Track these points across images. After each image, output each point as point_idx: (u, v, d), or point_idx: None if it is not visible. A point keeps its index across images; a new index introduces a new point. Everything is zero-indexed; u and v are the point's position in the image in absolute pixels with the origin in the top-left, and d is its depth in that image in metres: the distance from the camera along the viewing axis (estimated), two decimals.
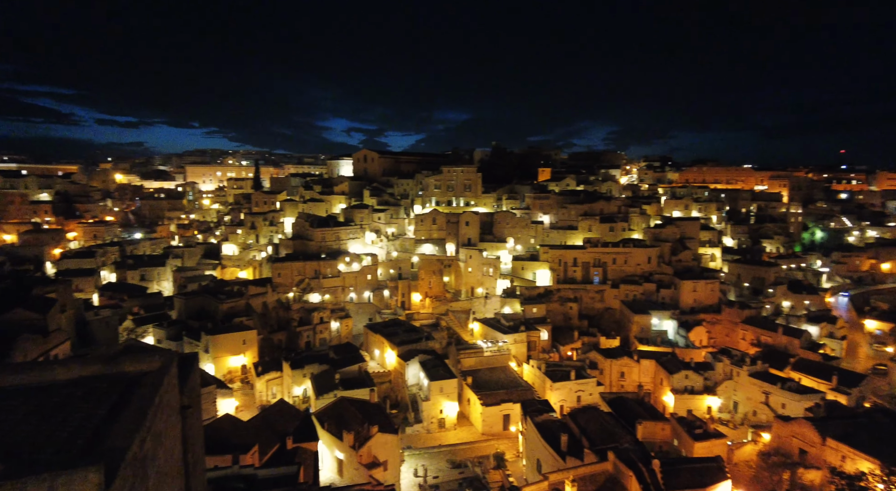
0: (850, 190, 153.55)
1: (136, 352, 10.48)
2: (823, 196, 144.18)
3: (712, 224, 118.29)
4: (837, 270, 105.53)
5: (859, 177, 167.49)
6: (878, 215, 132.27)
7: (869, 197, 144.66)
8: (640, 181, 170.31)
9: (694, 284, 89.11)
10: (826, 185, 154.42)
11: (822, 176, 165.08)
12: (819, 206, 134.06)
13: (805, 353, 70.55)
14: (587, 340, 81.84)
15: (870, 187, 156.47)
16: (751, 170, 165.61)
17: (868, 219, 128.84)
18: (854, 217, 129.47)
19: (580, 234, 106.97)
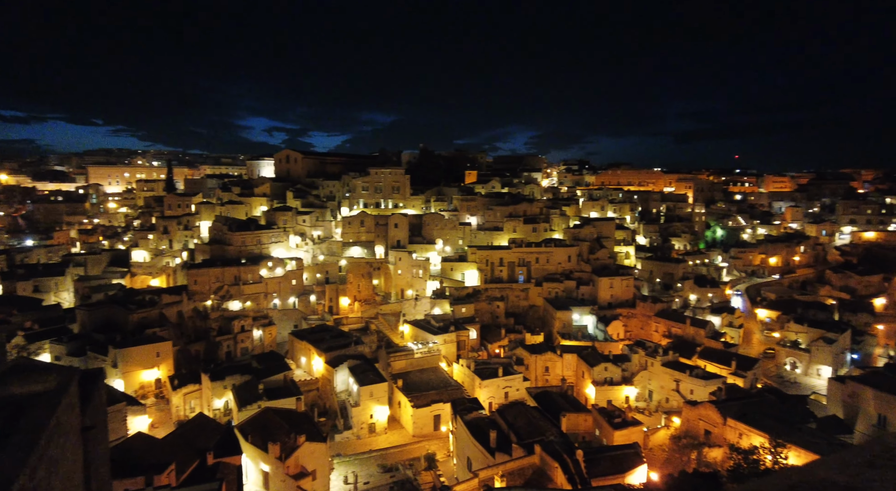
0: (744, 191, 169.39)
1: (26, 371, 9.52)
2: (722, 197, 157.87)
3: (626, 224, 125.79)
4: (735, 265, 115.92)
5: (750, 180, 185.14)
6: (766, 215, 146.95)
7: (758, 198, 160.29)
8: (560, 184, 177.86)
9: (610, 281, 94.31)
10: (724, 187, 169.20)
11: (720, 179, 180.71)
12: (719, 207, 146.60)
13: (709, 341, 76.83)
14: (514, 338, 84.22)
15: (759, 189, 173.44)
16: (660, 173, 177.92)
17: (758, 218, 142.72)
18: (747, 216, 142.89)
19: (506, 235, 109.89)
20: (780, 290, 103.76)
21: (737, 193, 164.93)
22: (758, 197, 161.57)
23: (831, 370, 73.47)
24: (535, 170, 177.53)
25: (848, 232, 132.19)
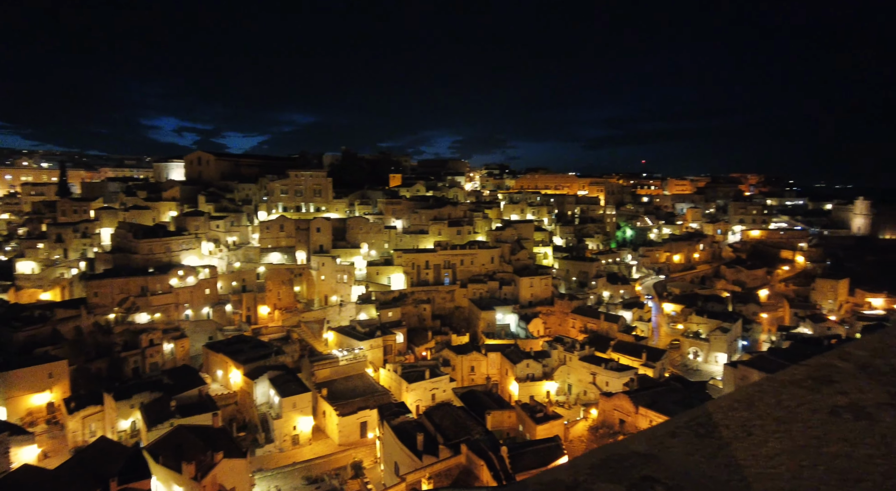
0: (650, 194, 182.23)
1: None
2: (631, 199, 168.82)
3: (544, 226, 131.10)
4: (643, 263, 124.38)
5: (656, 183, 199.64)
6: (670, 215, 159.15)
7: (663, 200, 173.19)
8: (483, 187, 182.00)
9: (531, 280, 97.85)
10: (632, 190, 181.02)
11: (629, 182, 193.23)
12: (628, 208, 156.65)
13: (622, 335, 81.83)
14: (440, 339, 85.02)
15: (663, 192, 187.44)
16: (575, 177, 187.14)
17: (663, 218, 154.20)
18: (653, 217, 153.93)
19: (431, 238, 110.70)
20: (683, 285, 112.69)
21: (644, 196, 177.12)
22: (662, 199, 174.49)
23: (726, 357, 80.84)
24: (458, 174, 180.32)
25: (738, 230, 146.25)
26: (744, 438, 1.73)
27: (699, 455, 1.57)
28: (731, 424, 1.76)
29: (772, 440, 1.72)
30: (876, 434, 1.72)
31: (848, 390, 1.99)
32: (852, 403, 1.87)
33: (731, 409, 1.82)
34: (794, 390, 1.99)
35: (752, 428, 1.75)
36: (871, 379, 2.11)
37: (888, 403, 1.86)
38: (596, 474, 1.39)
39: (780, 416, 1.79)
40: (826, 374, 2.17)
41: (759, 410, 1.81)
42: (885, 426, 1.78)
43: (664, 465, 1.47)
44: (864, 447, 1.64)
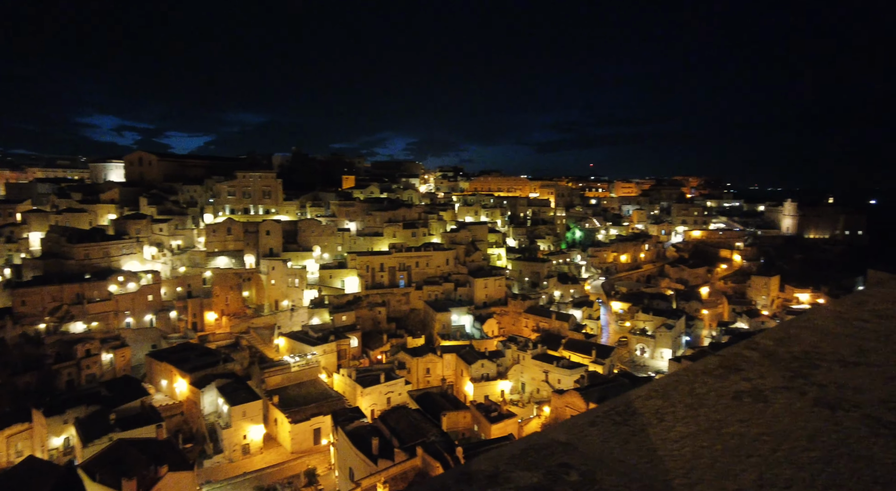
0: (598, 197, 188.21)
1: None
2: (580, 201, 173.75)
3: (498, 227, 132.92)
4: (592, 263, 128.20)
5: (603, 186, 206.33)
6: (617, 217, 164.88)
7: (610, 202, 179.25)
8: (437, 189, 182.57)
9: (485, 282, 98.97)
10: (581, 193, 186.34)
11: (578, 185, 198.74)
12: (577, 210, 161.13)
13: (573, 333, 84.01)
14: (396, 342, 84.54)
15: (610, 194, 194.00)
16: (526, 180, 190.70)
17: (610, 220, 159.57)
18: (601, 218, 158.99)
19: (385, 240, 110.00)
20: (629, 284, 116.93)
21: (592, 198, 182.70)
22: (610, 201, 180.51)
23: (671, 352, 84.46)
24: (413, 176, 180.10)
25: (681, 231, 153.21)
26: (656, 424, 1.77)
27: (614, 442, 1.66)
28: (646, 411, 1.85)
29: (680, 425, 1.77)
30: (768, 415, 1.81)
31: (751, 377, 2.16)
32: (754, 388, 2.04)
33: (648, 398, 1.96)
34: (705, 378, 2.15)
35: (665, 414, 1.81)
36: (772, 365, 2.30)
37: (783, 387, 2.04)
38: (515, 464, 1.45)
39: (690, 402, 1.91)
40: (734, 362, 2.35)
41: (672, 398, 1.95)
42: (778, 407, 1.87)
43: (580, 452, 1.54)
44: (756, 427, 1.77)
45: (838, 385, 2.08)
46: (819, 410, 1.84)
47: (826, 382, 2.11)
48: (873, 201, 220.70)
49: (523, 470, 1.40)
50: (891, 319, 3.07)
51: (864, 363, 2.34)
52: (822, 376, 2.18)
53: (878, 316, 3.14)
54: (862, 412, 1.86)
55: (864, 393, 1.99)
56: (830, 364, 2.33)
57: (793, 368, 2.27)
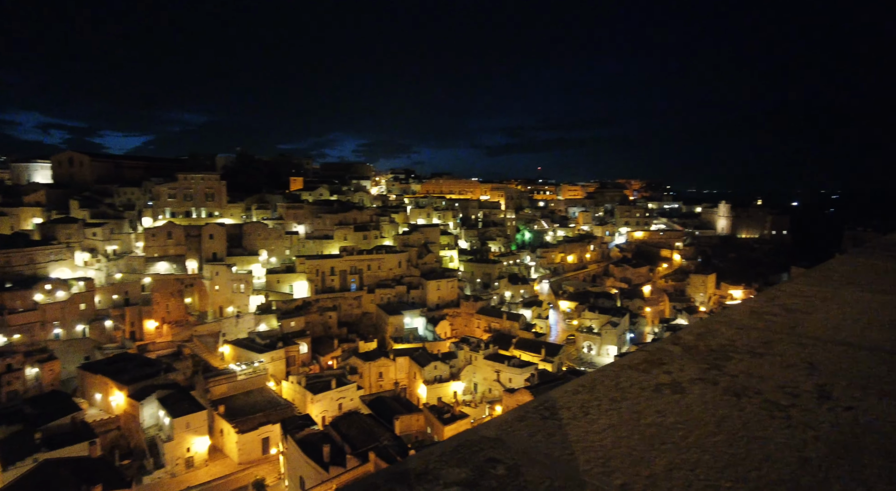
0: (546, 199, 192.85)
1: None
2: (529, 204, 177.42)
3: (450, 229, 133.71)
4: (541, 263, 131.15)
5: (551, 188, 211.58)
6: (564, 219, 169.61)
7: (557, 204, 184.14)
8: (389, 192, 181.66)
9: (438, 283, 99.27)
10: (530, 195, 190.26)
11: (527, 187, 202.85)
12: (526, 212, 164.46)
13: (523, 333, 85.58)
14: (347, 347, 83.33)
15: (557, 197, 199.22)
16: (477, 182, 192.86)
17: (558, 222, 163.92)
18: (549, 220, 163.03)
19: (336, 243, 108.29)
20: (576, 283, 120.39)
21: (540, 201, 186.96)
22: (557, 203, 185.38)
23: (616, 349, 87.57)
24: (364, 177, 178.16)
25: (624, 232, 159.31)
26: (581, 417, 1.86)
27: (540, 435, 1.73)
28: (573, 405, 1.96)
29: (603, 417, 1.85)
30: (683, 404, 1.96)
31: (672, 370, 2.32)
32: (673, 380, 2.19)
33: (576, 392, 2.07)
34: (630, 373, 2.29)
35: (590, 408, 1.92)
36: (691, 359, 2.48)
37: (699, 378, 2.21)
38: (445, 461, 1.52)
39: (614, 395, 2.04)
40: (658, 357, 2.51)
41: (598, 392, 2.07)
42: (692, 397, 2.03)
43: (508, 446, 1.64)
44: (672, 416, 1.87)
45: (746, 374, 2.26)
46: (727, 398, 2.01)
47: (736, 372, 2.29)
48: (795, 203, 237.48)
49: (453, 466, 1.48)
50: (795, 312, 3.35)
51: (769, 354, 2.55)
52: (733, 367, 2.36)
53: (785, 310, 3.41)
54: (762, 398, 2.00)
55: (766, 381, 2.18)
56: (742, 355, 2.52)
57: (709, 361, 2.44)
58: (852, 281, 4.31)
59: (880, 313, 3.26)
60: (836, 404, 1.95)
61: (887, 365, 2.33)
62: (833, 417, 1.85)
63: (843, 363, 2.37)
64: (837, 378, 2.20)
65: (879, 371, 2.27)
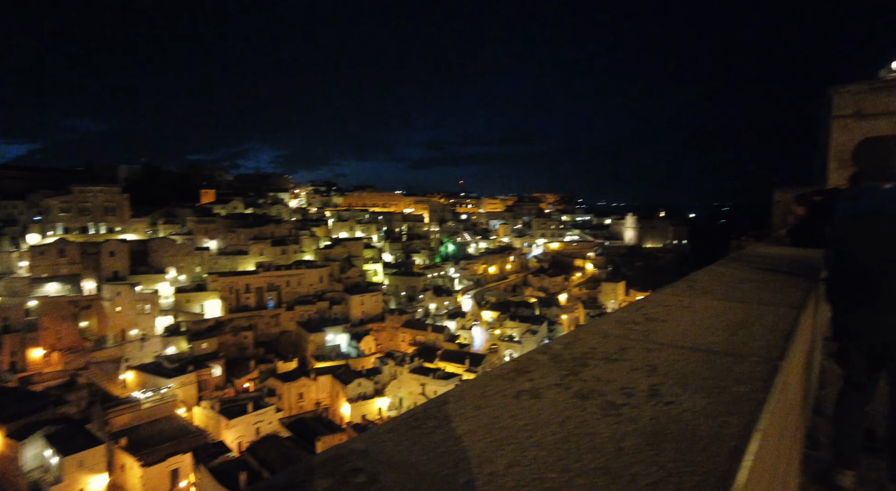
0: (468, 212, 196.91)
1: None
2: (452, 217, 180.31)
3: (373, 243, 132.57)
4: (464, 275, 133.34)
5: (473, 201, 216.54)
6: (485, 231, 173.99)
7: (479, 217, 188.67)
8: (309, 205, 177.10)
9: (361, 298, 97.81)
10: (453, 208, 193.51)
11: (450, 201, 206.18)
12: (450, 225, 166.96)
13: (447, 344, 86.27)
14: (265, 368, 79.63)
15: (479, 210, 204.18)
16: (401, 195, 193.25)
17: (480, 234, 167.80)
18: (472, 232, 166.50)
19: (252, 259, 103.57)
20: (498, 293, 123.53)
21: (463, 213, 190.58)
22: (479, 216, 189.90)
23: None
24: (282, 190, 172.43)
25: (541, 243, 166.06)
26: (444, 425, 2.07)
27: (405, 444, 1.84)
28: (440, 415, 2.16)
29: (464, 424, 2.07)
30: (535, 409, 2.23)
31: (535, 378, 2.59)
32: (533, 387, 2.46)
33: (445, 403, 2.28)
34: (498, 382, 2.54)
35: (454, 416, 2.13)
36: (554, 366, 2.77)
37: (555, 384, 2.49)
38: (312, 473, 1.59)
39: (478, 404, 2.27)
40: (526, 366, 2.78)
41: (465, 402, 2.29)
42: (545, 402, 2.31)
43: (373, 457, 1.72)
44: (523, 420, 2.06)
45: (596, 379, 2.57)
46: (575, 400, 2.30)
47: (589, 377, 2.59)
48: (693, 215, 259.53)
49: (318, 478, 1.56)
50: (654, 320, 3.79)
51: (622, 359, 2.90)
52: (587, 373, 2.66)
53: (647, 318, 3.85)
54: (604, 399, 2.31)
55: (611, 383, 2.50)
56: (598, 362, 2.84)
57: (569, 368, 2.73)
58: (708, 290, 4.94)
59: (721, 319, 3.79)
60: (660, 400, 2.29)
61: (709, 364, 2.75)
62: (655, 411, 2.18)
63: (677, 365, 2.76)
64: (668, 378, 2.57)
65: (701, 370, 2.67)
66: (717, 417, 2.11)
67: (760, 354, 2.92)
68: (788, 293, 4.75)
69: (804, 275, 5.94)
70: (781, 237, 11.00)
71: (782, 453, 3.23)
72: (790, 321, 3.69)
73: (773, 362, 2.75)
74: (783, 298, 4.53)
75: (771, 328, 3.50)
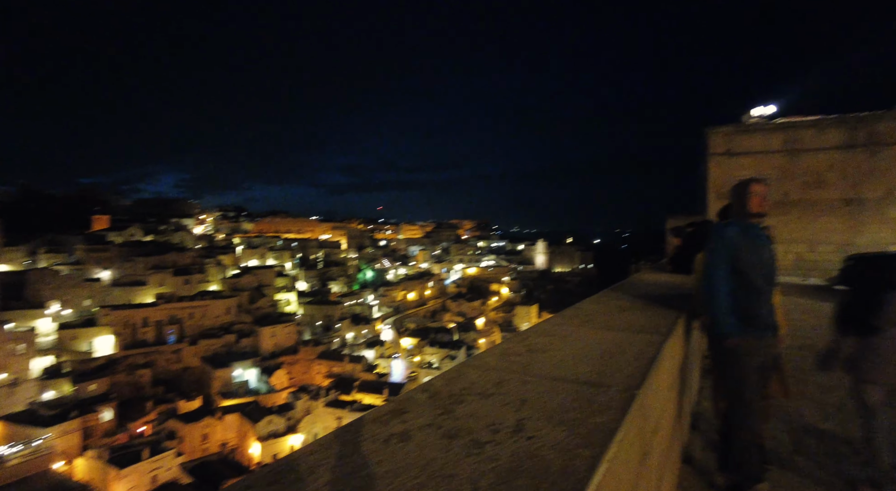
0: (387, 238, 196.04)
1: None
2: (370, 243, 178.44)
3: (287, 271, 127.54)
4: (383, 302, 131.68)
5: (392, 228, 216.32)
6: (404, 257, 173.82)
7: (398, 244, 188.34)
8: (217, 231, 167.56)
9: (273, 330, 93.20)
10: (371, 235, 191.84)
11: (368, 227, 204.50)
12: (368, 252, 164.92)
13: (365, 375, 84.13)
14: (164, 409, 72.84)
15: (398, 236, 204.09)
16: (317, 221, 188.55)
17: (399, 260, 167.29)
18: (391, 259, 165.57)
19: (151, 290, 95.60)
20: (417, 319, 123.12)
21: (382, 240, 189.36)
22: (398, 243, 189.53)
23: None
24: (186, 216, 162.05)
25: (458, 269, 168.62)
26: (306, 477, 2.01)
27: None
28: (303, 467, 2.10)
29: (327, 474, 2.03)
30: (403, 452, 2.23)
31: (409, 418, 2.59)
32: (405, 429, 2.45)
33: (311, 453, 2.21)
34: (372, 426, 2.51)
35: (318, 467, 2.08)
36: (431, 405, 2.79)
37: (428, 424, 2.51)
38: None
39: (345, 452, 2.23)
40: (403, 406, 2.77)
41: (332, 450, 2.24)
42: (413, 444, 2.31)
43: None
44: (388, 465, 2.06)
45: (468, 416, 2.61)
46: (442, 441, 2.32)
47: (462, 415, 2.63)
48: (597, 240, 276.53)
49: None
50: (536, 351, 3.95)
51: (497, 394, 2.97)
52: (462, 410, 2.70)
53: (529, 350, 3.99)
54: (471, 437, 2.36)
55: (481, 420, 2.55)
56: (474, 398, 2.89)
57: (444, 406, 2.76)
58: (591, 319, 5.25)
59: (596, 348, 4.03)
60: (524, 435, 2.38)
61: (576, 396, 2.90)
62: (516, 447, 2.26)
63: (546, 397, 2.89)
64: (536, 411, 2.67)
65: (568, 402, 2.81)
66: (571, 450, 2.23)
67: (623, 383, 3.13)
68: (660, 319, 5.17)
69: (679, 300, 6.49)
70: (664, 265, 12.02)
71: (649, 476, 3.45)
72: (656, 347, 4.01)
73: (631, 391, 2.97)
74: (655, 325, 4.91)
75: (637, 356, 3.77)
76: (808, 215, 25.31)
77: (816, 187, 25.18)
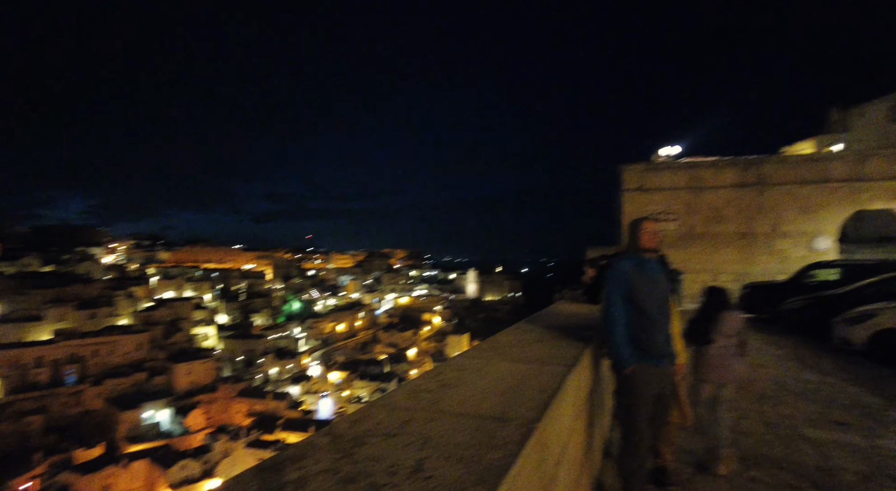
0: (316, 268, 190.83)
1: None
2: (298, 273, 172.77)
3: (206, 303, 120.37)
4: (310, 335, 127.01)
5: (321, 257, 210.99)
6: (334, 287, 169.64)
7: (328, 273, 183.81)
8: (129, 261, 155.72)
9: (189, 367, 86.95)
10: (299, 264, 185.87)
11: (296, 256, 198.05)
12: (296, 282, 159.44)
13: (290, 412, 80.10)
14: (57, 459, 65.19)
15: (328, 265, 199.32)
16: (240, 250, 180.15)
17: (328, 290, 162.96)
18: (320, 289, 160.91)
19: (49, 326, 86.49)
20: (346, 352, 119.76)
21: (310, 269, 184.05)
22: (327, 272, 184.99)
23: None
24: (94, 244, 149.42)
25: (390, 298, 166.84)
26: None
27: None
28: None
29: None
30: None
31: (307, 465, 2.51)
32: (302, 476, 2.38)
33: None
34: (264, 475, 2.43)
35: None
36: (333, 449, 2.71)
37: (327, 469, 2.45)
38: None
39: None
40: (302, 452, 2.69)
41: None
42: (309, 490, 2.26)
43: None
44: None
45: (369, 459, 2.58)
46: (338, 486, 2.28)
47: (362, 457, 2.59)
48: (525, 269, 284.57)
49: None
50: (447, 387, 3.98)
51: (401, 433, 2.95)
52: (363, 452, 2.66)
53: (441, 385, 4.02)
54: (369, 481, 2.33)
55: (381, 462, 2.53)
56: (377, 439, 2.86)
57: (345, 449, 2.70)
58: (504, 351, 5.37)
59: (504, 382, 4.12)
60: (422, 476, 2.39)
61: (477, 432, 2.95)
62: (413, 488, 2.27)
63: (449, 435, 2.91)
64: (437, 450, 2.69)
65: (469, 438, 2.85)
66: (466, 489, 2.27)
67: (524, 417, 3.22)
68: (568, 350, 5.38)
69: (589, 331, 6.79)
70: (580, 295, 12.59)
71: None
72: (559, 379, 4.17)
73: (530, 425, 3.07)
74: (562, 356, 5.10)
75: (542, 388, 3.89)
76: (711, 247, 27.66)
77: (717, 222, 27.66)
